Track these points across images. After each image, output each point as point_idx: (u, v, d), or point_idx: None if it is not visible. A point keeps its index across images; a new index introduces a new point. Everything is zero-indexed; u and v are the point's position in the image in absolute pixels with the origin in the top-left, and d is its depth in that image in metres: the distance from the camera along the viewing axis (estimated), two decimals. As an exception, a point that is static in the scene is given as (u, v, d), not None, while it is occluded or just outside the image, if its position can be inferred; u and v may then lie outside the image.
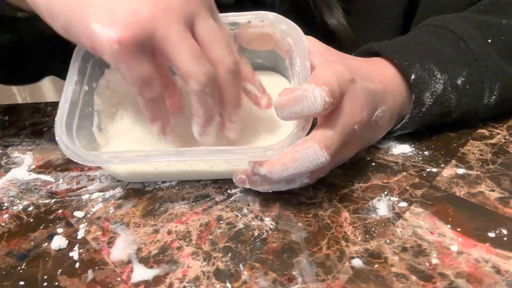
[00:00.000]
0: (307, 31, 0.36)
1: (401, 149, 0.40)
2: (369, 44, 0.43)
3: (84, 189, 0.38)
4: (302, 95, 0.29)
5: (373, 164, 0.39)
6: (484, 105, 0.40)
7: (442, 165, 0.38)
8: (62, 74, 0.54)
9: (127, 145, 0.38)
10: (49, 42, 0.45)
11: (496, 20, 0.42)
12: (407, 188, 0.35)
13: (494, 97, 0.40)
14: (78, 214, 0.35)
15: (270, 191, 0.34)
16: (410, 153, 0.40)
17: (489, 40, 0.40)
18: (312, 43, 0.36)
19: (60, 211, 0.36)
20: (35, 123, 0.51)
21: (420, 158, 0.39)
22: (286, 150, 0.30)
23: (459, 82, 0.39)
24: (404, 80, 0.40)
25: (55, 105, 0.55)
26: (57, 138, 0.32)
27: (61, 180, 0.40)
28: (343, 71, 0.32)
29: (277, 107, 0.30)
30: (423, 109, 0.39)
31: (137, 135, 0.39)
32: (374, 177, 0.37)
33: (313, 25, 0.48)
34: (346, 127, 0.31)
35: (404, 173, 0.37)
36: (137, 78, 0.30)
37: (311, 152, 0.29)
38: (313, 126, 0.31)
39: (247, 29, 0.37)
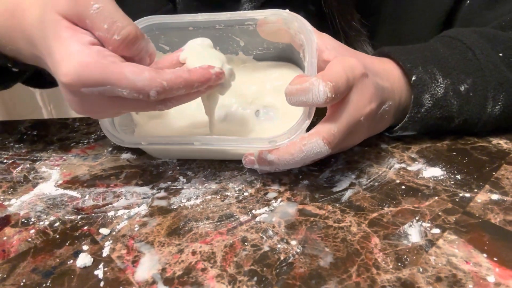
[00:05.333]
0: None
1: (432, 172, 0.39)
2: (381, 47, 0.45)
3: (109, 205, 0.38)
4: (308, 88, 0.33)
5: (403, 187, 0.37)
6: (488, 114, 0.41)
7: (476, 190, 0.36)
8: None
9: (159, 126, 0.46)
10: None
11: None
12: (440, 213, 0.34)
13: (498, 107, 0.41)
14: (104, 231, 0.35)
15: (276, 170, 0.39)
16: (442, 177, 0.38)
17: (501, 54, 0.41)
18: (326, 39, 0.39)
19: (86, 227, 0.36)
20: (62, 138, 0.52)
21: (452, 182, 0.37)
22: (294, 139, 0.35)
23: (462, 88, 0.40)
24: (407, 82, 0.41)
25: (82, 120, 0.56)
26: (100, 123, 0.41)
27: (87, 196, 0.40)
28: (356, 65, 0.35)
29: (287, 93, 0.35)
30: (422, 110, 0.41)
31: (169, 119, 0.46)
32: (404, 201, 0.36)
33: None
34: (351, 119, 0.35)
35: (436, 197, 0.36)
36: None
37: (316, 146, 0.34)
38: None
39: (266, 24, 0.41)
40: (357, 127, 0.36)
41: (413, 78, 0.40)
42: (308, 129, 0.36)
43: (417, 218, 0.34)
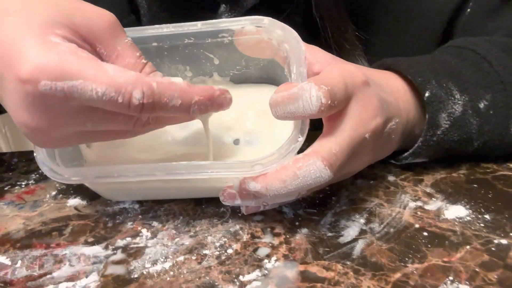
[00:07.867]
0: None
1: (455, 212, 0.32)
2: (382, 60, 0.38)
3: (48, 276, 0.29)
4: (298, 94, 0.27)
5: (425, 234, 0.30)
6: (511, 135, 0.35)
7: (511, 234, 0.30)
8: None
9: (116, 161, 0.37)
10: None
11: None
12: (477, 269, 0.27)
13: None
14: (37, 317, 0.26)
15: (265, 207, 0.31)
16: (468, 217, 0.31)
17: None
18: (317, 51, 0.33)
19: (13, 311, 0.26)
20: (-6, 180, 0.42)
21: (482, 225, 0.31)
22: (285, 162, 0.28)
23: (481, 106, 0.34)
24: (416, 98, 0.35)
25: (22, 155, 0.46)
26: (35, 153, 0.32)
27: (19, 262, 0.30)
28: (355, 71, 0.29)
29: (272, 104, 0.28)
30: (439, 132, 0.34)
31: (128, 152, 0.37)
32: (430, 253, 0.28)
33: None
34: (354, 136, 0.28)
35: (468, 246, 0.29)
36: None
37: (314, 170, 0.27)
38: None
39: (243, 35, 0.34)
40: (361, 146, 0.29)
41: (427, 94, 0.34)
42: (301, 150, 0.29)
43: (451, 278, 0.26)
